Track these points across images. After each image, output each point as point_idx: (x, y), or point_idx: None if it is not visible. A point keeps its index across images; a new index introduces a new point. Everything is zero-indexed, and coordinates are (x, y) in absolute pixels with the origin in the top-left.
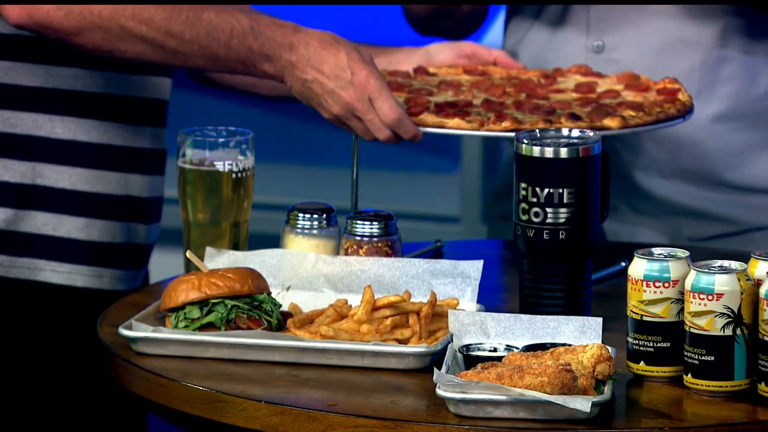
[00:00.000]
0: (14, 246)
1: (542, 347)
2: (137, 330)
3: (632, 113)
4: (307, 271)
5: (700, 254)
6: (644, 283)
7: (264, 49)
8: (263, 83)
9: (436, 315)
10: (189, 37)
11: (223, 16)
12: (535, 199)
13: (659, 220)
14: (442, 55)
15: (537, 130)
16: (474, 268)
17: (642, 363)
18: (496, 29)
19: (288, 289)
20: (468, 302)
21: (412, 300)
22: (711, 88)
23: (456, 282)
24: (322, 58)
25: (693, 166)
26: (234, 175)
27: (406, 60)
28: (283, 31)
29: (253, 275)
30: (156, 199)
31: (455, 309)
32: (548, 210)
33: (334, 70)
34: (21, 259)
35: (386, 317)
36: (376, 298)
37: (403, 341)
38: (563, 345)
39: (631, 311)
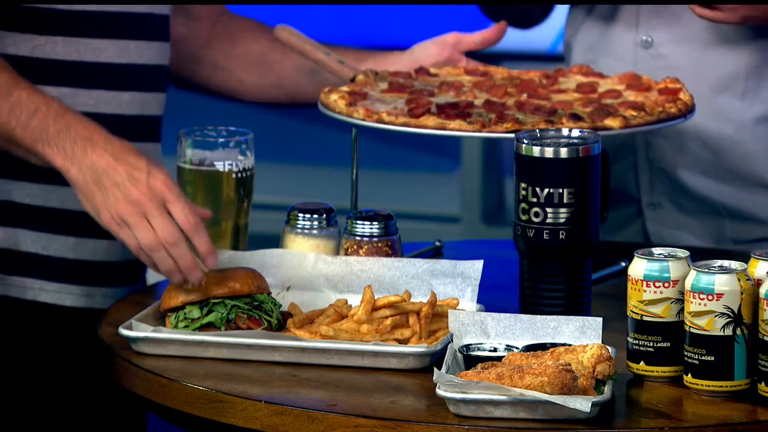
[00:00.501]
0: (5, 264)
1: (542, 347)
2: (137, 330)
3: (634, 113)
4: (307, 271)
5: (742, 259)
6: (644, 283)
7: (60, 134)
8: (245, 89)
9: (436, 315)
10: None
11: (33, 97)
12: (535, 199)
13: (702, 220)
14: (427, 51)
15: (537, 130)
16: (474, 268)
17: (642, 363)
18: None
19: (288, 289)
20: (468, 302)
21: (412, 300)
22: (757, 89)
23: (456, 282)
24: (120, 153)
25: (736, 166)
26: (234, 176)
27: (392, 64)
28: (86, 125)
29: (254, 275)
30: None
31: (455, 309)
32: (548, 210)
33: (131, 166)
34: (12, 278)
35: (386, 317)
36: (376, 298)
37: (403, 341)
38: (563, 345)
39: (631, 311)
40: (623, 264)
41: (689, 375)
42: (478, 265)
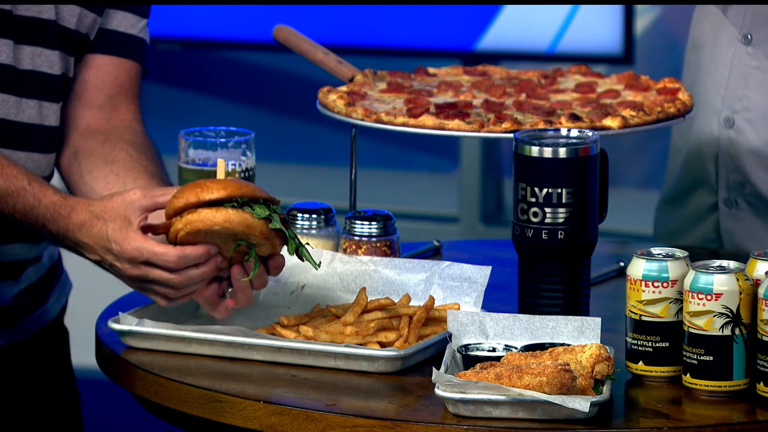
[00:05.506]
0: None
1: (541, 347)
2: (125, 323)
3: (632, 113)
4: (323, 270)
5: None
6: (643, 283)
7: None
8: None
9: (435, 319)
10: None
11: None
12: (533, 199)
13: None
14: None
15: (536, 130)
16: (482, 274)
17: (641, 363)
18: (496, 28)
19: (303, 288)
20: (472, 308)
21: (413, 303)
22: None
23: (463, 286)
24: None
25: None
26: (237, 176)
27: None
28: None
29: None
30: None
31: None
32: (547, 210)
33: (97, 244)
34: None
35: (377, 320)
36: (370, 299)
37: (387, 344)
38: (562, 345)
39: (630, 311)
40: (621, 264)
41: (688, 375)
42: (486, 271)
